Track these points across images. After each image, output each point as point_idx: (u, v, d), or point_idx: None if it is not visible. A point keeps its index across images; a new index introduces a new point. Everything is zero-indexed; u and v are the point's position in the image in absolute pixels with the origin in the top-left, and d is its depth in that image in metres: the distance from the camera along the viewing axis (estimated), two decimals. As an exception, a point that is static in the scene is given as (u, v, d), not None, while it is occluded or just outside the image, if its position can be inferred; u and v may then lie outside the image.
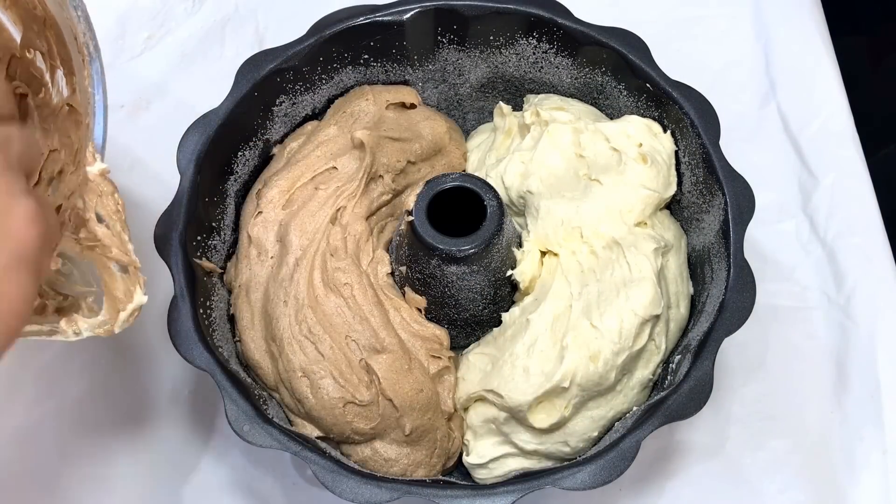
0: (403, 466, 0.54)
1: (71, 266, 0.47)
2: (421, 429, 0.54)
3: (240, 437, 0.50)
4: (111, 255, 0.46)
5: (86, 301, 0.47)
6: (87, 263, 0.48)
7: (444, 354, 0.56)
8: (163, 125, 0.71)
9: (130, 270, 0.46)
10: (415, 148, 0.61)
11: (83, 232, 0.46)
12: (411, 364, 0.54)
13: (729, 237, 0.54)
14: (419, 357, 0.55)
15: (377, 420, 0.54)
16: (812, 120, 0.72)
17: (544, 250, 0.58)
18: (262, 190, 0.59)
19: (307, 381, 0.54)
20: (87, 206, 0.46)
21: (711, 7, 0.77)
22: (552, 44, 0.61)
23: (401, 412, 0.53)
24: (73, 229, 0.46)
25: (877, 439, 0.61)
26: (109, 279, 0.46)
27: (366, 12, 0.60)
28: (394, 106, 0.63)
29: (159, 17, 0.76)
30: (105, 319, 0.46)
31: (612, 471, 0.49)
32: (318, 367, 0.54)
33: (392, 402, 0.53)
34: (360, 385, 0.54)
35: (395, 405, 0.53)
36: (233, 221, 0.61)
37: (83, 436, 0.62)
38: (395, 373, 0.54)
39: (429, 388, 0.55)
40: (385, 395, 0.53)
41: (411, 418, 0.54)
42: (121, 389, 0.63)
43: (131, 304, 0.46)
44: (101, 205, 0.46)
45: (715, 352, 0.51)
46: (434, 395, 0.55)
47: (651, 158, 0.57)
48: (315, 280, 0.55)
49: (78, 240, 0.46)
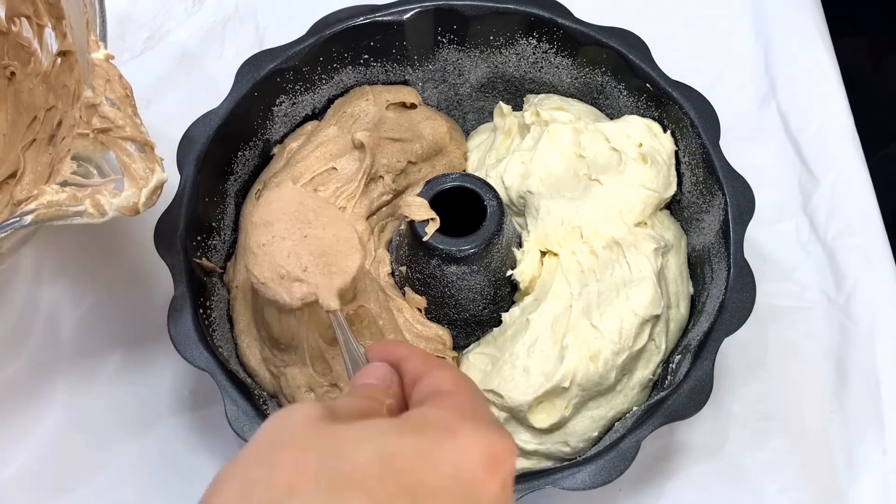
0: None
1: (87, 166, 0.47)
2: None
3: (240, 437, 0.50)
4: (126, 135, 0.46)
5: (108, 188, 0.47)
6: (104, 162, 0.48)
7: (447, 354, 0.56)
8: (163, 125, 0.71)
9: (147, 150, 0.47)
10: (415, 148, 0.61)
11: (96, 119, 0.46)
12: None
13: (729, 237, 0.54)
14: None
15: None
16: (812, 120, 0.72)
17: (544, 250, 0.58)
18: (261, 191, 0.59)
19: (313, 395, 0.53)
20: (97, 91, 0.46)
21: (711, 7, 0.77)
22: (552, 44, 0.61)
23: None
24: (86, 121, 0.46)
25: (877, 439, 0.61)
26: (128, 159, 0.47)
27: (366, 12, 0.60)
28: (394, 106, 0.63)
29: (159, 17, 0.76)
30: (129, 195, 0.46)
31: (612, 471, 0.49)
32: (325, 379, 0.53)
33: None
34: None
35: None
36: (233, 221, 0.61)
37: (83, 436, 0.61)
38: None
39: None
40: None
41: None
42: (121, 389, 0.63)
43: (153, 181, 0.47)
44: (109, 89, 0.47)
45: (715, 352, 0.51)
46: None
47: (651, 158, 0.57)
48: None
49: (91, 130, 0.46)
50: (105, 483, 0.60)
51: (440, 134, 0.62)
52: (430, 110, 0.64)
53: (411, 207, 0.55)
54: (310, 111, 0.63)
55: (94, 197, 0.46)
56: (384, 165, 0.59)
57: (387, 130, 0.60)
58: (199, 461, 0.61)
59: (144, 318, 0.64)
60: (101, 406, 0.62)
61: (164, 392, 0.63)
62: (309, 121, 0.64)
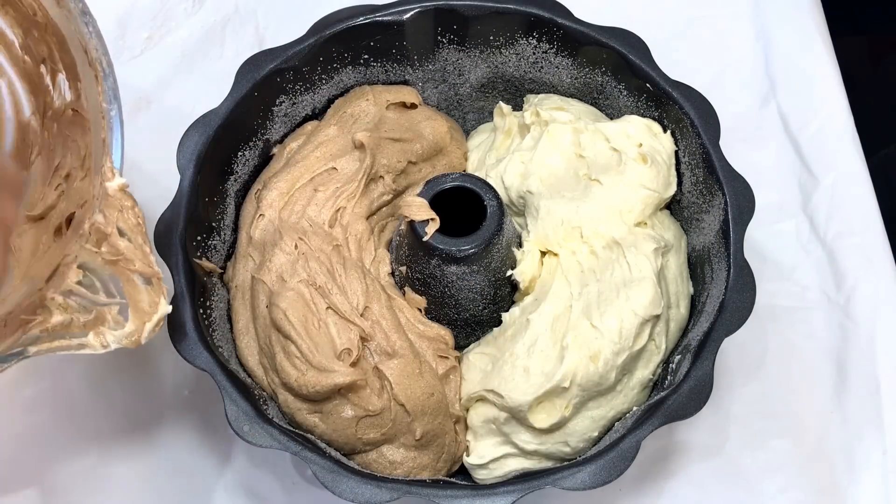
0: (408, 469, 0.54)
1: (92, 278, 0.47)
2: (431, 433, 0.54)
3: (240, 437, 0.50)
4: (134, 269, 0.47)
5: (111, 313, 0.47)
6: (110, 274, 0.48)
7: (450, 354, 0.56)
8: (163, 125, 0.71)
9: (154, 282, 0.47)
10: (416, 148, 0.61)
11: (105, 246, 0.46)
12: (422, 367, 0.54)
13: (729, 237, 0.54)
14: (428, 359, 0.55)
15: (388, 426, 0.53)
16: (812, 120, 0.72)
17: (544, 250, 0.58)
18: (261, 191, 0.59)
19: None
20: (109, 220, 0.47)
21: (711, 7, 0.77)
22: (552, 44, 0.61)
23: (412, 417, 0.53)
24: (95, 243, 0.46)
25: (877, 439, 0.61)
26: (133, 291, 0.47)
27: (366, 12, 0.60)
28: (394, 106, 0.63)
29: (159, 17, 0.76)
30: (132, 331, 0.47)
31: (612, 471, 0.49)
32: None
33: (404, 406, 0.53)
34: (372, 394, 0.53)
35: (406, 410, 0.53)
36: (233, 221, 0.61)
37: (83, 436, 0.61)
38: (407, 377, 0.53)
39: (439, 392, 0.54)
40: (397, 400, 0.53)
41: (422, 423, 0.53)
42: (121, 389, 0.63)
43: (156, 315, 0.47)
44: (121, 219, 0.47)
45: (715, 352, 0.51)
46: (444, 399, 0.54)
47: (651, 158, 0.57)
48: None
49: (100, 253, 0.46)
50: (104, 483, 0.61)
51: (440, 134, 0.62)
52: (430, 110, 0.64)
53: (411, 207, 0.55)
54: (310, 111, 0.63)
55: (98, 328, 0.46)
56: (384, 165, 0.59)
57: (387, 130, 0.60)
58: (199, 461, 0.61)
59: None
60: (101, 406, 0.62)
61: (164, 392, 0.63)
62: (309, 121, 0.64)
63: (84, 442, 0.61)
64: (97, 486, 0.60)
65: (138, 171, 0.70)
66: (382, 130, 0.60)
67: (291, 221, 0.57)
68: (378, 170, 0.59)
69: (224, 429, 0.56)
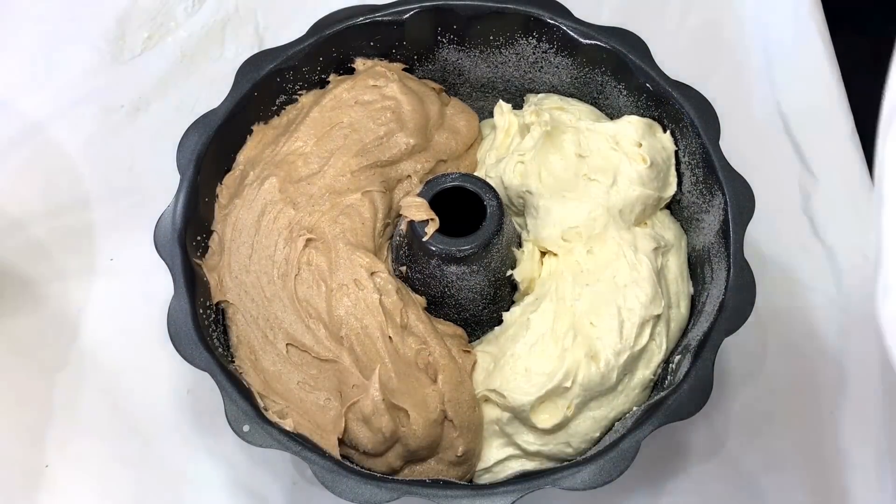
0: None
1: None
2: (470, 452, 0.53)
3: (240, 437, 0.50)
4: None
5: None
6: None
7: (470, 347, 0.56)
8: (163, 125, 0.71)
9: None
10: (451, 145, 0.60)
11: None
12: (461, 375, 0.53)
13: (729, 237, 0.54)
14: (465, 364, 0.54)
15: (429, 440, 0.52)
16: (812, 120, 0.72)
17: (544, 250, 0.58)
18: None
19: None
20: None
21: (712, 7, 0.77)
22: (552, 44, 0.61)
23: (458, 432, 0.52)
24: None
25: (877, 439, 0.61)
26: None
27: (366, 12, 0.60)
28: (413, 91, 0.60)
29: (159, 17, 0.76)
30: None
31: (612, 471, 0.49)
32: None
33: (453, 422, 0.52)
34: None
35: (455, 425, 0.52)
36: (233, 221, 0.61)
37: (82, 436, 0.61)
38: (454, 388, 0.52)
39: (478, 405, 0.53)
40: (447, 415, 0.51)
41: (466, 439, 0.52)
42: (120, 389, 0.63)
43: None
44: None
45: (715, 352, 0.51)
46: (482, 415, 0.53)
47: (651, 158, 0.57)
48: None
49: None
50: (104, 483, 0.60)
51: (475, 128, 0.61)
52: (461, 103, 0.63)
53: (411, 208, 0.55)
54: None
55: None
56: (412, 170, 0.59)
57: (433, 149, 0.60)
58: (199, 461, 0.61)
59: (144, 318, 0.64)
60: (100, 406, 0.62)
61: (164, 392, 0.63)
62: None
63: (83, 442, 0.61)
64: (96, 485, 0.60)
65: (138, 171, 0.71)
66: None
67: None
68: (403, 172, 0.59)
69: (224, 429, 0.55)
